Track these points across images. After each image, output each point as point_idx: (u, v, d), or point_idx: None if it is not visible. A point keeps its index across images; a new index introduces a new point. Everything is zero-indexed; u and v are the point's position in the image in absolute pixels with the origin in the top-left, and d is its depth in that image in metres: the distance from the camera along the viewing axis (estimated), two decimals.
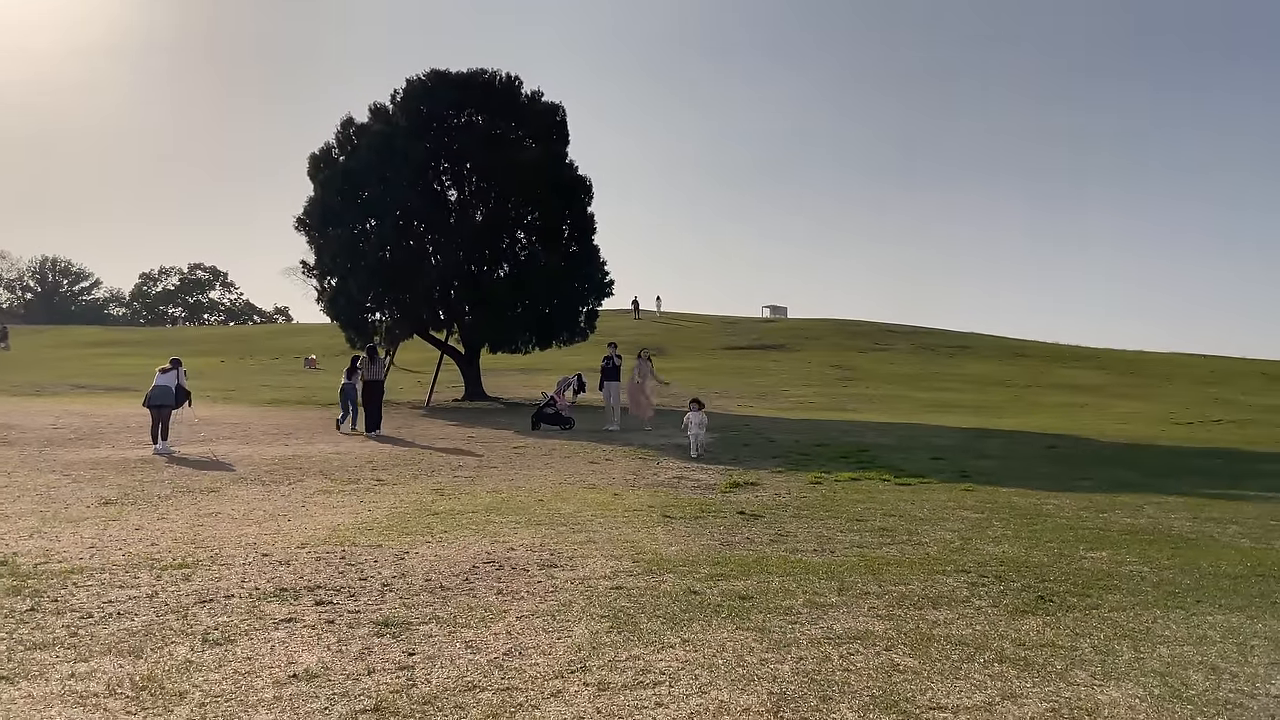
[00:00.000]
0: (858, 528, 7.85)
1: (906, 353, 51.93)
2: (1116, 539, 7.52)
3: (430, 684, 3.82)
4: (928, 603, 5.27)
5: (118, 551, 6.58)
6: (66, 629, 4.59)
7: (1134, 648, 4.46)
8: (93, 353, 48.36)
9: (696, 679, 3.90)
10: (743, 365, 43.50)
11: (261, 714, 3.47)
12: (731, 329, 60.71)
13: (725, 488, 10.61)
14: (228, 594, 5.33)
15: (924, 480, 11.39)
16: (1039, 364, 47.93)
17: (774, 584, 5.67)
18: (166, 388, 14.35)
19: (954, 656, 4.25)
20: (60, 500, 9.06)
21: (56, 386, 29.78)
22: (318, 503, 9.23)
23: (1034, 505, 9.42)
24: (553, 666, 4.05)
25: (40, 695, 3.65)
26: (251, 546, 6.81)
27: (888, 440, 16.98)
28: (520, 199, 27.15)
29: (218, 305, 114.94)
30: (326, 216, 26.85)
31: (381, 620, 4.78)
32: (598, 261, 28.26)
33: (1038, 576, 6.00)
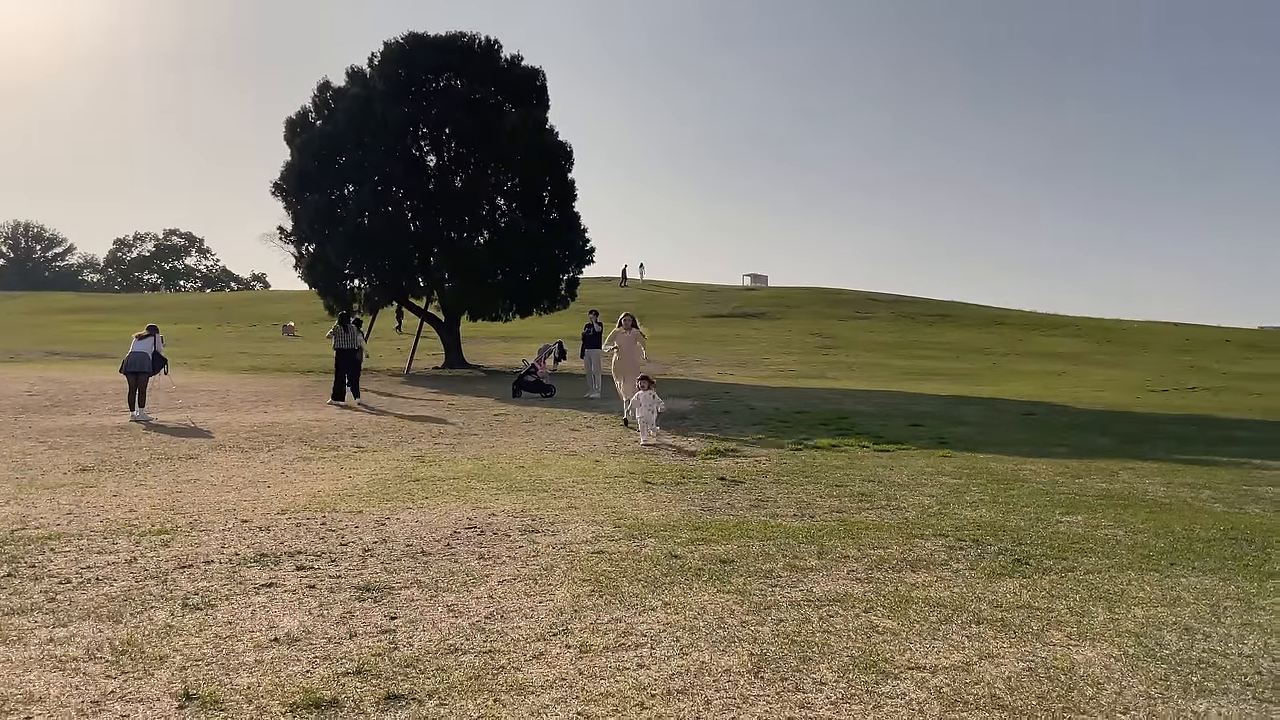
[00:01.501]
0: (837, 493, 7.90)
1: (887, 321, 52.14)
2: (1092, 503, 7.61)
3: (412, 647, 3.82)
4: (906, 566, 5.32)
5: (96, 518, 6.53)
6: (44, 594, 4.57)
7: (1109, 609, 4.52)
8: (67, 319, 47.80)
9: (678, 641, 3.92)
10: (723, 333, 43.55)
11: (243, 677, 3.46)
12: (712, 297, 60.70)
13: (706, 454, 10.64)
14: (207, 560, 5.31)
15: (903, 447, 11.47)
16: (1017, 332, 48.26)
17: (754, 548, 5.71)
18: (143, 354, 14.21)
19: (932, 618, 4.29)
20: (36, 467, 8.98)
21: (30, 353, 29.44)
22: (298, 469, 9.19)
23: (1011, 471, 9.51)
24: (535, 629, 4.07)
25: (19, 659, 3.63)
26: (231, 513, 6.77)
27: (867, 407, 17.07)
28: (500, 165, 26.91)
29: (194, 272, 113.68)
30: (304, 182, 26.54)
31: (363, 585, 4.78)
32: (578, 229, 28.10)
33: (1014, 540, 6.06)
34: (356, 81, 27.44)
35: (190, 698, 3.25)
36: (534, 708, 3.19)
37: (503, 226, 27.32)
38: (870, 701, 3.26)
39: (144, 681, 3.41)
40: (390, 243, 25.89)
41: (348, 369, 17.94)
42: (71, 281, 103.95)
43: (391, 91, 26.57)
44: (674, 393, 19.97)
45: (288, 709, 3.16)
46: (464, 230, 27.33)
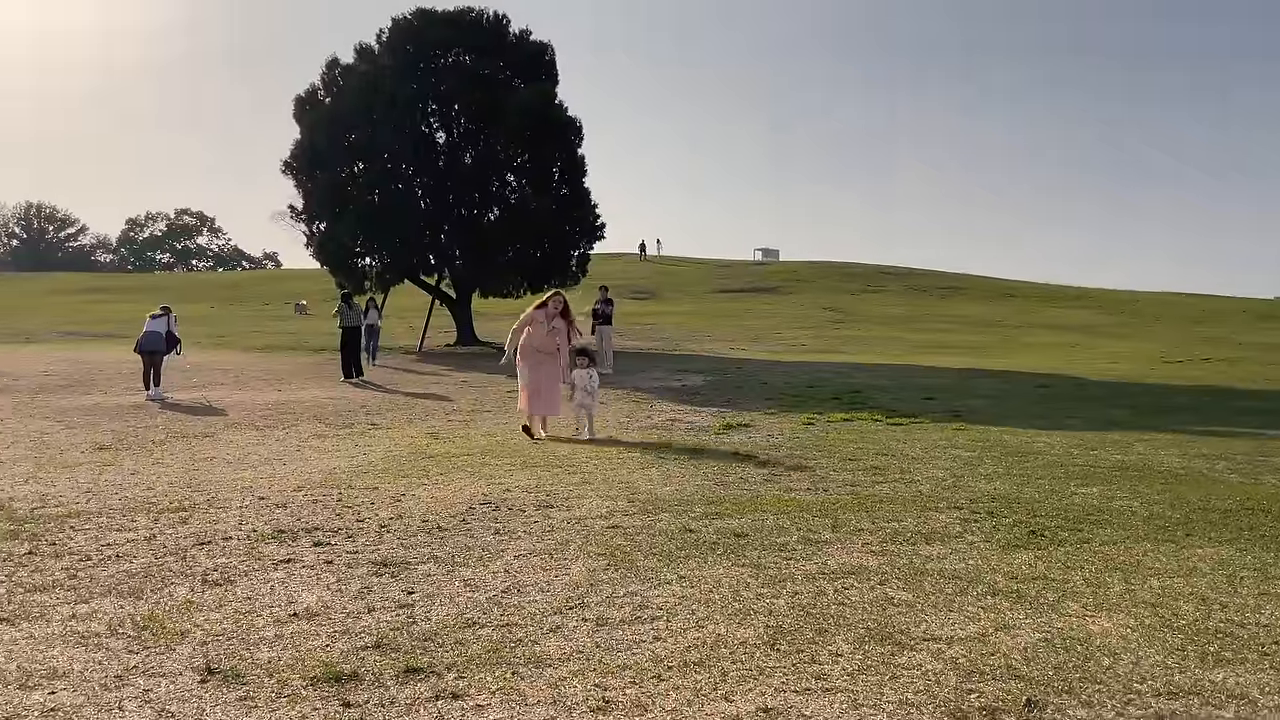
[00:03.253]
0: (850, 467, 7.89)
1: (898, 294, 51.92)
2: (1107, 475, 7.59)
3: (430, 621, 3.85)
4: (920, 538, 5.32)
5: (114, 496, 6.59)
6: (66, 571, 4.61)
7: (1125, 580, 4.51)
8: (81, 299, 48.03)
9: (693, 613, 3.94)
10: (735, 308, 43.46)
11: (264, 651, 3.49)
12: (724, 272, 60.53)
13: (719, 429, 10.65)
14: (225, 536, 5.35)
15: (916, 420, 11.44)
16: (1030, 304, 48.02)
17: (768, 522, 5.72)
18: (157, 334, 14.29)
19: (947, 590, 4.30)
20: (55, 446, 9.05)
21: (46, 334, 29.63)
22: (312, 447, 9.24)
23: (1025, 443, 9.48)
24: (551, 603, 4.09)
25: (42, 635, 3.67)
26: (248, 490, 6.82)
27: (880, 381, 17.04)
28: (510, 141, 26.78)
29: (206, 251, 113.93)
30: (314, 160, 26.50)
31: (380, 560, 4.81)
32: (589, 204, 28.01)
33: (1029, 512, 6.06)
34: (365, 58, 27.33)
35: (212, 671, 3.28)
36: (552, 680, 3.21)
37: (513, 203, 27.26)
38: (886, 673, 3.27)
39: (166, 656, 3.44)
40: (400, 220, 25.87)
41: (357, 344, 18.04)
42: (84, 262, 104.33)
43: (400, 68, 26.47)
44: (686, 368, 19.98)
45: (308, 682, 3.19)
46: (474, 207, 27.29)
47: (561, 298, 10.97)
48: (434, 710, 2.97)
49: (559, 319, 10.77)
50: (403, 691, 3.12)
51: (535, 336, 10.59)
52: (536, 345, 10.56)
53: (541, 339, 10.61)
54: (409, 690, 3.13)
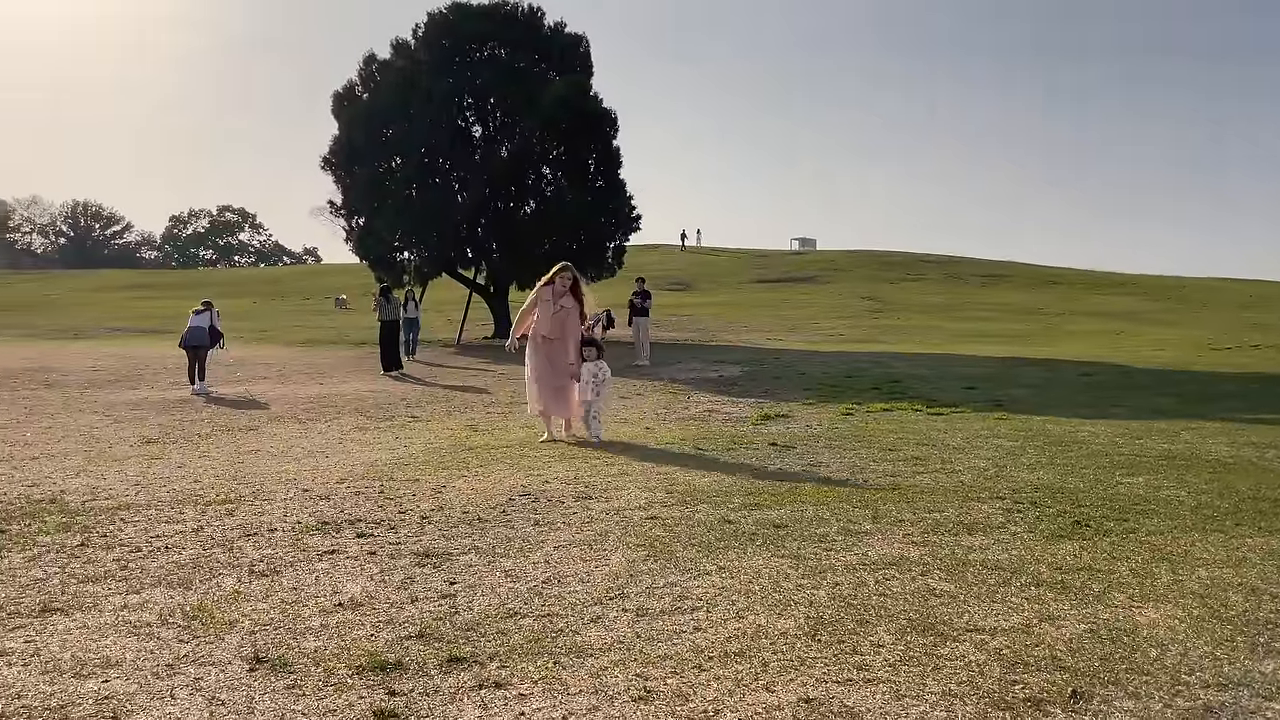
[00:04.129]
0: (890, 457, 7.84)
1: (938, 282, 51.38)
2: (1153, 464, 7.47)
3: (473, 611, 3.89)
4: (962, 529, 5.27)
5: (162, 488, 6.71)
6: (117, 562, 4.71)
7: (1172, 570, 4.44)
8: (126, 296, 48.97)
9: (734, 604, 3.94)
10: (772, 298, 43.29)
11: (310, 640, 3.55)
12: (760, 262, 60.27)
13: (756, 420, 10.62)
14: (271, 528, 5.44)
15: (957, 409, 11.34)
16: (1073, 291, 47.29)
17: (808, 513, 5.70)
18: (200, 328, 14.56)
19: (990, 581, 4.26)
20: (104, 440, 9.25)
21: (93, 330, 30.23)
22: (354, 439, 9.35)
23: (1069, 432, 9.36)
24: (592, 594, 4.11)
25: (95, 625, 3.76)
26: (292, 482, 6.92)
27: (920, 370, 16.90)
28: (545, 134, 26.85)
29: (247, 247, 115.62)
30: (352, 155, 26.78)
31: (422, 551, 4.86)
32: (624, 196, 28.04)
33: (1073, 502, 5.98)
34: (401, 53, 27.53)
35: (260, 660, 3.34)
36: (593, 670, 3.23)
37: (549, 196, 27.36)
38: (929, 664, 3.25)
39: (215, 646, 3.51)
40: (438, 214, 26.06)
41: (396, 338, 18.24)
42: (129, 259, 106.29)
43: (436, 62, 26.63)
44: (723, 359, 19.94)
45: (354, 671, 3.24)
46: (510, 200, 27.41)
47: (570, 271, 9.34)
48: (477, 699, 3.00)
49: (568, 297, 9.21)
50: (446, 680, 3.15)
51: (542, 320, 9.19)
52: (544, 331, 9.17)
53: (549, 323, 9.15)
54: (452, 679, 3.16)
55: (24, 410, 11.55)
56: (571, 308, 9.19)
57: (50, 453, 8.41)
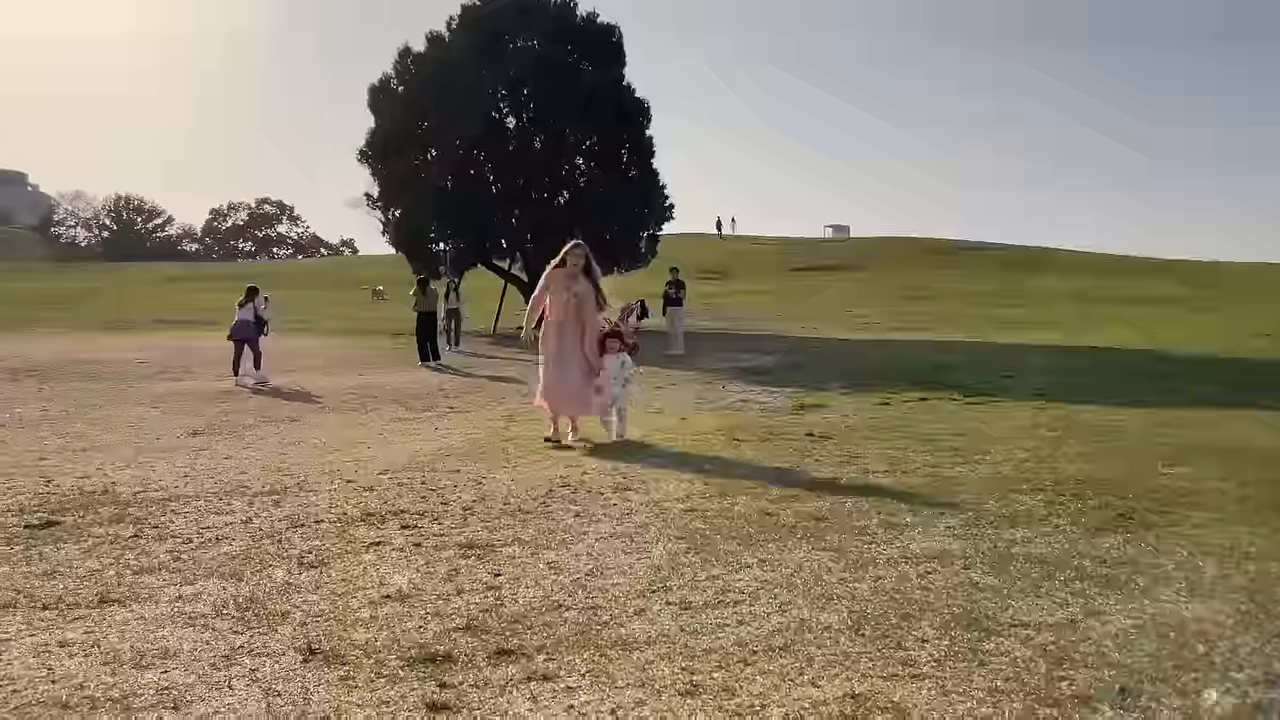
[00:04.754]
0: (929, 448, 7.81)
1: (974, 269, 50.82)
2: (1197, 455, 7.38)
3: (518, 603, 3.95)
4: (1004, 521, 5.26)
5: (210, 480, 6.84)
6: (169, 554, 4.82)
7: (1218, 564, 4.40)
8: (169, 288, 49.74)
9: (776, 598, 3.97)
10: (806, 286, 43.08)
11: (360, 632, 3.62)
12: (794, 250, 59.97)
13: (792, 410, 10.62)
14: (317, 519, 5.54)
15: (995, 399, 11.26)
16: (1113, 278, 46.57)
17: (847, 505, 5.70)
18: (245, 321, 14.84)
19: (1034, 575, 4.25)
20: (152, 431, 9.42)
21: (139, 322, 30.75)
22: (395, 430, 9.46)
23: (1110, 422, 9.26)
24: (634, 586, 4.15)
25: (152, 616, 3.86)
26: (335, 473, 7.03)
27: (956, 359, 16.77)
28: (578, 124, 26.91)
29: (285, 239, 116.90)
30: (388, 148, 27.00)
31: (466, 543, 4.93)
32: (657, 186, 28.05)
33: (1117, 494, 5.93)
34: (435, 46, 27.68)
35: (313, 652, 3.42)
36: (639, 663, 3.27)
37: (582, 186, 27.44)
38: (974, 659, 3.26)
39: (269, 637, 3.59)
40: (473, 205, 26.23)
41: (431, 330, 18.41)
42: (171, 251, 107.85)
43: (469, 54, 26.75)
44: (758, 348, 19.91)
45: (405, 663, 3.30)
46: (543, 191, 27.51)
47: (582, 250, 8.40)
48: (526, 692, 3.05)
49: (580, 281, 8.34)
50: (495, 673, 3.21)
51: (555, 307, 8.37)
52: (556, 318, 8.33)
53: (561, 310, 8.33)
54: (501, 672, 3.22)
55: (73, 403, 11.80)
56: (586, 293, 8.32)
57: (100, 444, 8.59)
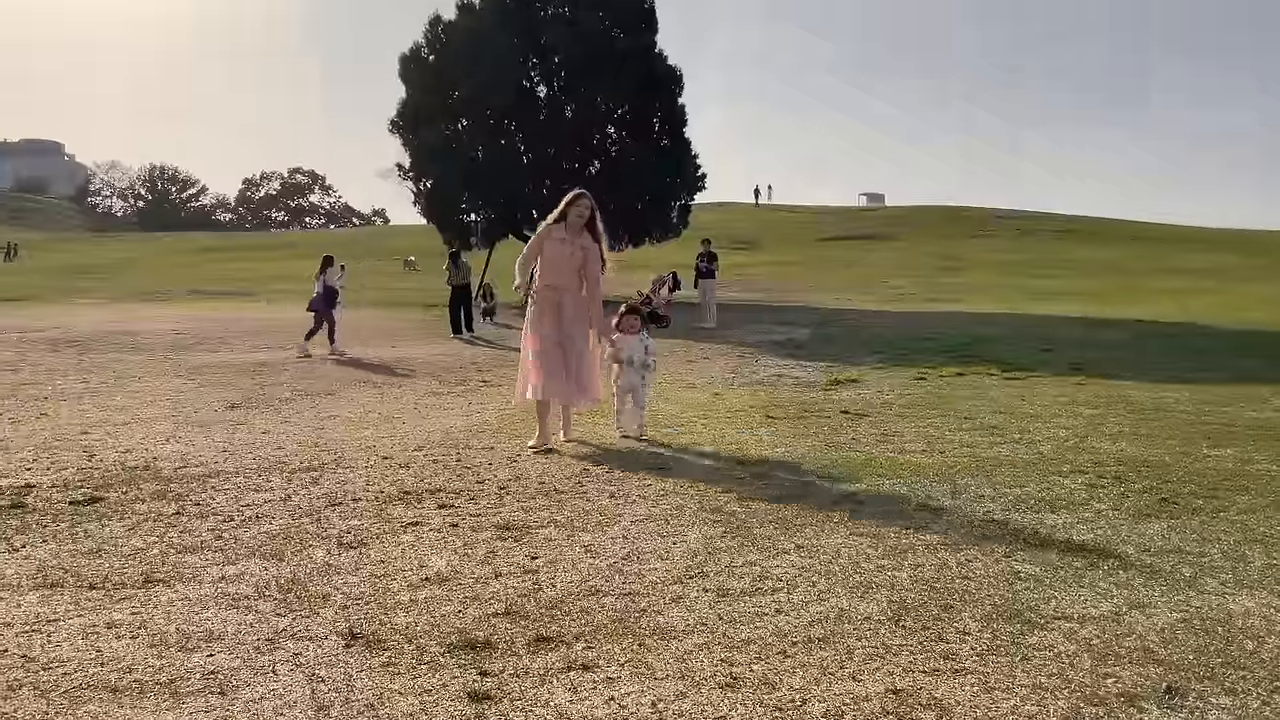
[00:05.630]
0: (967, 426, 7.73)
1: (1011, 239, 50.11)
2: (1243, 435, 7.24)
3: (555, 588, 3.96)
4: (1045, 506, 5.19)
5: (249, 455, 6.92)
6: (211, 532, 4.88)
7: (1266, 553, 4.32)
8: (203, 258, 50.25)
9: (814, 586, 3.94)
10: (840, 256, 42.70)
11: (400, 616, 3.65)
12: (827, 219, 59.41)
13: (826, 385, 10.55)
14: (355, 497, 5.58)
15: (1034, 374, 11.12)
16: (1157, 247, 45.74)
17: (884, 487, 5.66)
18: (319, 293, 15.04)
19: (1076, 564, 4.19)
20: (189, 405, 9.54)
21: (174, 292, 31.11)
22: (429, 405, 9.52)
23: (1152, 399, 9.11)
24: (671, 572, 4.15)
25: (196, 597, 3.91)
26: (371, 449, 7.08)
27: (994, 332, 16.57)
28: (610, 93, 26.72)
29: (318, 209, 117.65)
30: (419, 117, 26.97)
31: (502, 524, 4.95)
32: (689, 155, 27.83)
33: (1160, 477, 5.83)
34: (466, 14, 27.54)
35: (355, 636, 3.45)
36: (678, 653, 3.27)
37: (613, 155, 27.28)
38: (1017, 653, 3.22)
39: (311, 620, 3.63)
40: (504, 175, 26.17)
41: (466, 301, 18.48)
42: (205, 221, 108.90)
43: (500, 23, 26.58)
44: (791, 320, 19.78)
45: (445, 649, 3.32)
46: (575, 160, 27.36)
47: (588, 201, 7.14)
48: (567, 681, 3.06)
49: (584, 235, 7.12)
50: (535, 661, 3.22)
51: (552, 265, 7.08)
52: (554, 279, 7.08)
53: (562, 269, 7.06)
54: (541, 660, 3.23)
55: (112, 375, 11.97)
56: (591, 249, 7.12)
57: (140, 417, 8.71)
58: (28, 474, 6.23)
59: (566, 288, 7.11)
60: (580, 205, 7.10)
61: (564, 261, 7.05)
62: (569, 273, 7.09)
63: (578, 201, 7.12)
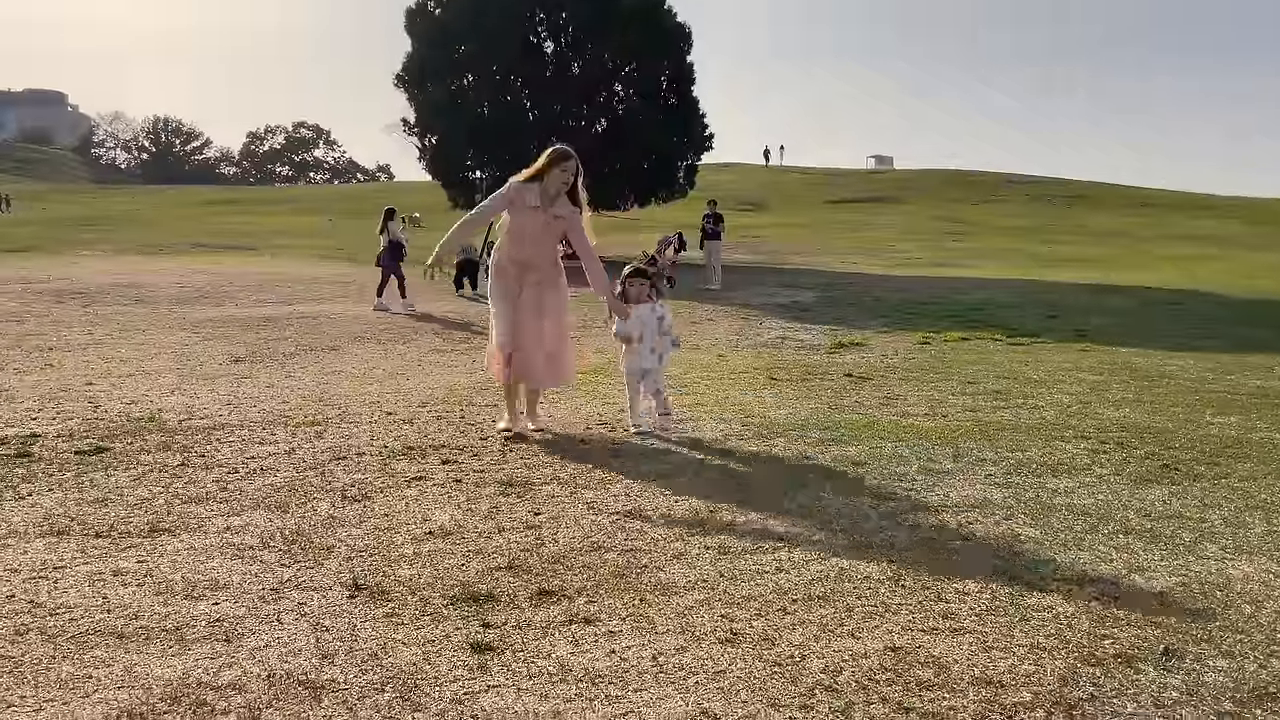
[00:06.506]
0: (970, 390, 7.73)
1: (1020, 204, 49.80)
2: (1245, 403, 7.24)
3: (557, 543, 3.98)
4: (1047, 470, 5.20)
5: (253, 408, 6.94)
6: (216, 483, 4.91)
7: (1266, 520, 4.34)
8: (208, 212, 50.07)
9: (815, 545, 3.97)
10: (847, 219, 42.47)
11: (404, 569, 3.68)
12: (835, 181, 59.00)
13: (830, 348, 10.54)
14: (359, 452, 5.60)
15: (1038, 340, 11.11)
16: (1164, 214, 45.47)
17: (886, 449, 5.67)
18: (385, 247, 15.00)
19: (1077, 527, 4.21)
20: (194, 358, 9.56)
21: (178, 245, 31.02)
22: (433, 361, 9.53)
23: (1156, 366, 9.11)
24: (673, 529, 4.17)
25: (201, 547, 3.94)
26: (375, 405, 7.10)
27: (999, 297, 16.52)
28: (617, 49, 26.43)
29: (322, 164, 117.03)
30: (424, 73, 26.73)
31: (505, 480, 4.97)
32: (697, 114, 27.60)
33: (1162, 443, 5.84)
34: None
35: (359, 588, 3.48)
36: (679, 609, 3.30)
37: (620, 114, 27.05)
38: (1016, 614, 3.25)
39: (315, 571, 3.66)
40: (509, 132, 25.97)
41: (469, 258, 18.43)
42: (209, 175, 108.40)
43: None
44: (796, 283, 19.71)
45: (449, 601, 3.35)
46: (581, 119, 27.15)
47: (574, 162, 5.97)
48: (569, 634, 3.09)
49: (562, 203, 6.00)
50: (537, 614, 3.25)
51: (521, 239, 6.01)
52: (522, 254, 6.01)
53: (534, 244, 6.01)
54: (543, 613, 3.26)
55: (117, 327, 11.98)
56: (573, 218, 6.03)
57: (144, 370, 8.73)
58: (33, 423, 6.26)
59: (540, 264, 6.04)
60: (565, 168, 5.93)
61: (540, 233, 5.99)
62: (546, 246, 6.07)
63: (563, 163, 5.93)
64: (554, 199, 6.00)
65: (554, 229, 6.07)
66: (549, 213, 5.99)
